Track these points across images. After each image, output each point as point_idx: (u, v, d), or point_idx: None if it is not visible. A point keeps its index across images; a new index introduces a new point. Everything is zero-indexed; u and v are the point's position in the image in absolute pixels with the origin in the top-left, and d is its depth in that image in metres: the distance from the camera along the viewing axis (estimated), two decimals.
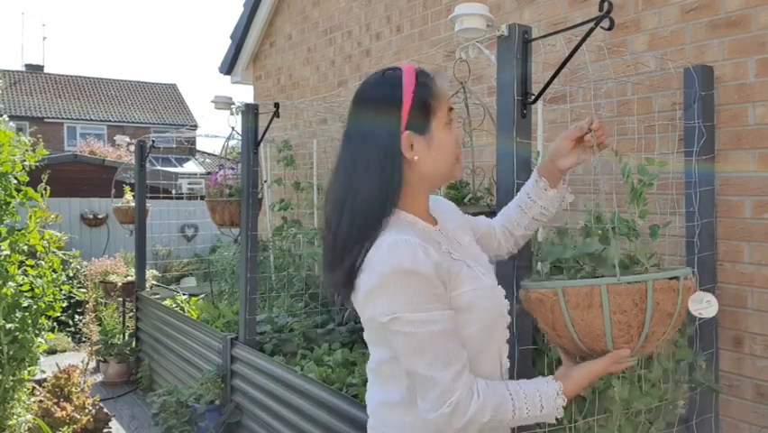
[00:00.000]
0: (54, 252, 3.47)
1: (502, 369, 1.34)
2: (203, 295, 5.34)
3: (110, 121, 27.21)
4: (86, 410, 3.56)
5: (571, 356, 1.33)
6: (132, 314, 5.67)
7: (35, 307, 3.32)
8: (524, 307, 1.38)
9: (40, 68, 29.36)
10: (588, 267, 1.69)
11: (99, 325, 5.77)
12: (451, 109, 1.32)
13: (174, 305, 4.87)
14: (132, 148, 5.63)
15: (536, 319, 1.35)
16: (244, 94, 57.29)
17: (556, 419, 1.24)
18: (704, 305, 1.44)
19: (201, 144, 34.21)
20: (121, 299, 5.80)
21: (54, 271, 3.47)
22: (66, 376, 3.64)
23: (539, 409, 1.20)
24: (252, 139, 3.59)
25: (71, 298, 6.19)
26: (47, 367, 3.75)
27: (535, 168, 1.57)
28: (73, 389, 3.62)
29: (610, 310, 1.20)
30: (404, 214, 1.28)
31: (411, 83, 1.26)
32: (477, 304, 1.26)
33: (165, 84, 31.33)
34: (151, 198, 6.35)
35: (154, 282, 5.90)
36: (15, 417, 3.31)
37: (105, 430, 3.64)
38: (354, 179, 1.24)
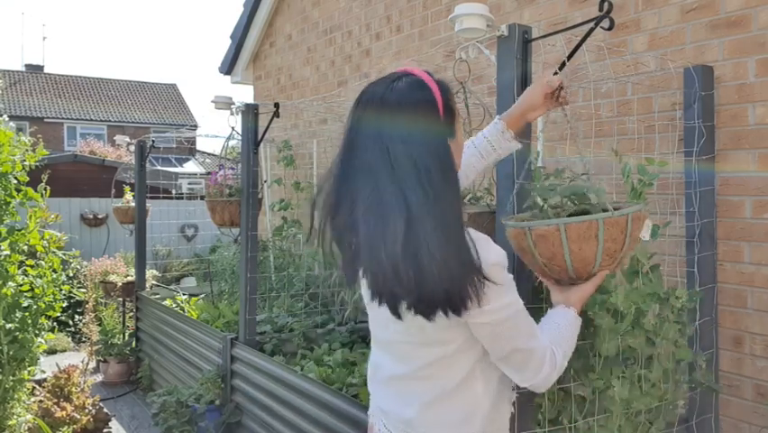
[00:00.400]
0: (54, 252, 3.47)
1: None
2: (203, 295, 5.34)
3: (110, 121, 27.21)
4: (87, 410, 3.56)
5: (554, 283, 1.54)
6: (132, 314, 5.67)
7: (35, 307, 3.32)
8: (513, 245, 1.54)
9: (40, 68, 29.37)
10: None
11: (99, 325, 5.77)
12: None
13: (174, 305, 4.87)
14: (132, 148, 5.64)
15: (525, 255, 1.53)
16: (244, 94, 57.27)
17: (557, 419, 1.27)
18: (646, 229, 1.69)
19: (201, 144, 34.23)
20: (121, 299, 5.80)
21: (54, 271, 3.47)
22: (66, 376, 3.64)
23: (575, 335, 1.44)
24: (252, 139, 3.59)
25: (71, 298, 6.19)
26: (47, 367, 3.76)
27: (498, 118, 1.64)
28: (73, 389, 3.62)
29: (604, 240, 1.44)
30: None
31: (437, 88, 1.26)
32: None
33: (165, 84, 31.34)
34: (151, 198, 6.35)
35: (154, 282, 5.90)
36: (15, 417, 3.31)
37: (105, 430, 3.64)
38: (426, 193, 1.17)
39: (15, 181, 3.28)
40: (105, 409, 3.81)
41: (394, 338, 1.34)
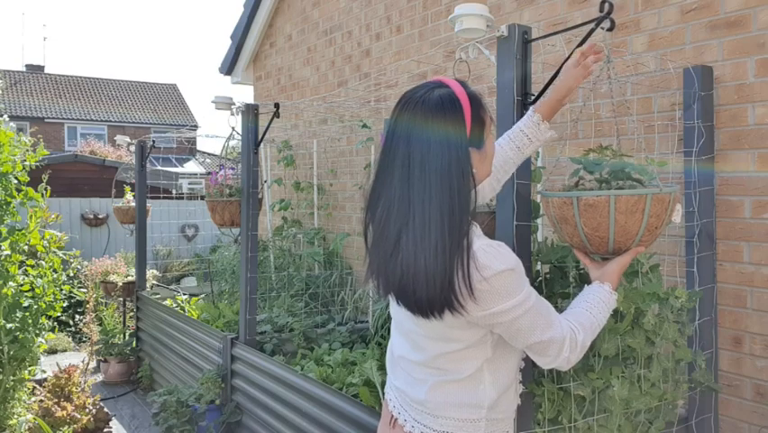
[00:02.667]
0: (54, 252, 3.48)
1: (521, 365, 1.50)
2: (203, 295, 5.34)
3: (110, 121, 27.21)
4: (87, 410, 3.56)
5: (590, 260, 1.62)
6: (132, 314, 5.67)
7: (36, 307, 3.33)
8: (554, 214, 1.60)
9: (40, 68, 29.36)
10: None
11: (99, 325, 5.78)
12: (491, 118, 1.40)
13: (174, 305, 4.88)
14: (133, 148, 5.64)
15: (566, 225, 1.59)
16: (245, 94, 57.30)
17: (556, 419, 1.28)
18: (677, 213, 1.71)
19: (201, 144, 34.23)
20: (121, 298, 5.80)
21: (54, 270, 3.47)
22: (66, 376, 3.64)
23: (607, 310, 1.49)
24: (253, 139, 3.59)
25: (72, 298, 6.20)
26: (47, 367, 3.76)
27: (532, 109, 1.67)
28: (73, 388, 3.62)
29: (649, 215, 1.51)
30: None
31: (467, 102, 1.31)
32: None
33: (165, 84, 31.33)
34: (152, 197, 6.36)
35: (155, 282, 5.91)
36: (16, 416, 3.32)
37: (105, 430, 3.64)
38: (437, 200, 1.25)
39: (16, 181, 3.29)
40: (106, 409, 3.81)
41: (410, 327, 1.42)
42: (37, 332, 3.35)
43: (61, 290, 3.48)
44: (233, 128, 3.93)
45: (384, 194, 1.31)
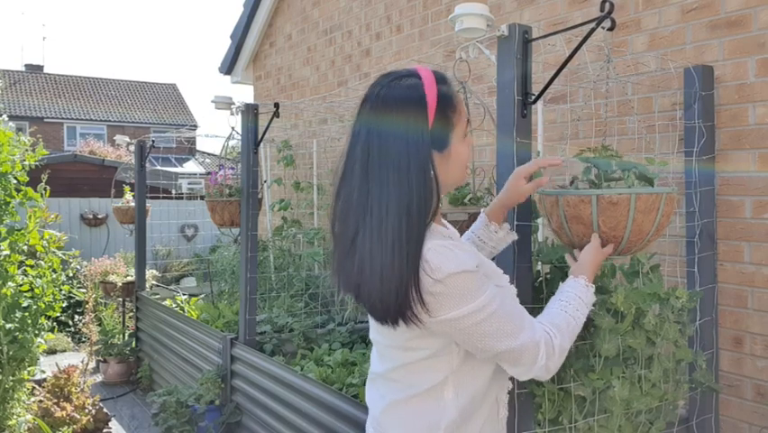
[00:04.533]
0: (54, 252, 3.47)
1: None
2: (203, 295, 5.33)
3: (110, 121, 27.21)
4: (86, 410, 3.56)
5: (571, 254, 1.59)
6: (131, 314, 5.67)
7: (35, 307, 3.32)
8: (565, 213, 1.56)
9: (39, 68, 29.36)
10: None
11: (99, 325, 5.77)
12: (468, 121, 1.32)
13: (174, 305, 4.87)
14: (132, 148, 5.64)
15: (575, 224, 1.55)
16: (244, 94, 57.30)
17: (557, 419, 1.27)
18: None
19: (201, 144, 34.23)
20: (121, 299, 5.80)
21: (54, 271, 3.47)
22: (66, 376, 3.64)
23: (585, 306, 1.40)
24: (252, 139, 3.59)
25: (71, 298, 6.20)
26: (47, 367, 3.76)
27: (483, 211, 1.64)
28: (73, 389, 3.62)
29: (662, 214, 1.52)
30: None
31: (434, 97, 1.21)
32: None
33: (165, 84, 31.33)
34: (151, 197, 6.35)
35: (154, 282, 5.90)
36: (15, 417, 3.31)
37: (104, 430, 3.64)
38: (392, 193, 1.17)
39: (15, 181, 3.29)
40: (105, 409, 3.80)
41: (375, 337, 1.36)
42: (36, 332, 3.34)
43: (61, 290, 3.47)
44: (232, 128, 3.93)
45: (346, 185, 1.23)
